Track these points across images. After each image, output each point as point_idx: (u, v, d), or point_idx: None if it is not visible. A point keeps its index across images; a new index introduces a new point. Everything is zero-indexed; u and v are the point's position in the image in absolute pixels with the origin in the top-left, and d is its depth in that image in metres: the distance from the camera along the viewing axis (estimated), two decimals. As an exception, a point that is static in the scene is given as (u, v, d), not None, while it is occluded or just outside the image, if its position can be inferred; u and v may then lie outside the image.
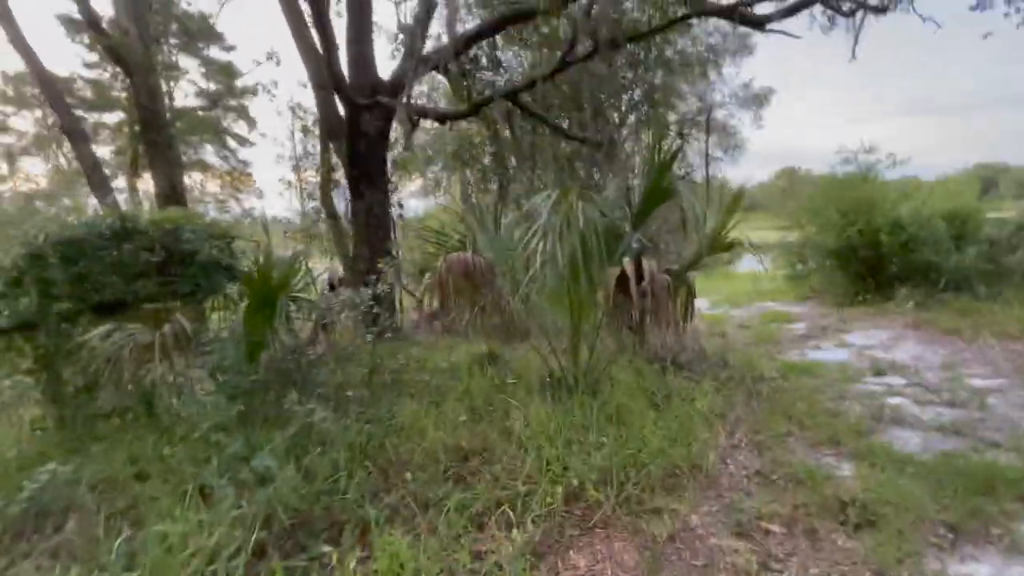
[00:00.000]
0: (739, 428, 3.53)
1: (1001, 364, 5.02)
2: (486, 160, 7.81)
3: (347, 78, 6.61)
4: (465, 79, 6.91)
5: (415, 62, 6.59)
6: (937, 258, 8.10)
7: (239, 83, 20.64)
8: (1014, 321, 6.27)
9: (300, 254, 4.78)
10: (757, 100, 20.57)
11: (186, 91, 20.63)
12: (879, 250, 8.54)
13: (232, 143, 24.77)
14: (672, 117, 22.37)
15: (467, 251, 3.67)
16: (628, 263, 3.05)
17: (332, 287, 4.01)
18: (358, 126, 6.28)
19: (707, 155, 21.22)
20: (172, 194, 7.33)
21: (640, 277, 3.08)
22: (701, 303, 11.78)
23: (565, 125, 7.54)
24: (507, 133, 7.89)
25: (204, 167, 24.94)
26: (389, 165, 7.70)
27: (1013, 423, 3.52)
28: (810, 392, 4.30)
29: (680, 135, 21.62)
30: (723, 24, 20.64)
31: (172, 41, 18.78)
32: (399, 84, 6.80)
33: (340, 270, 4.27)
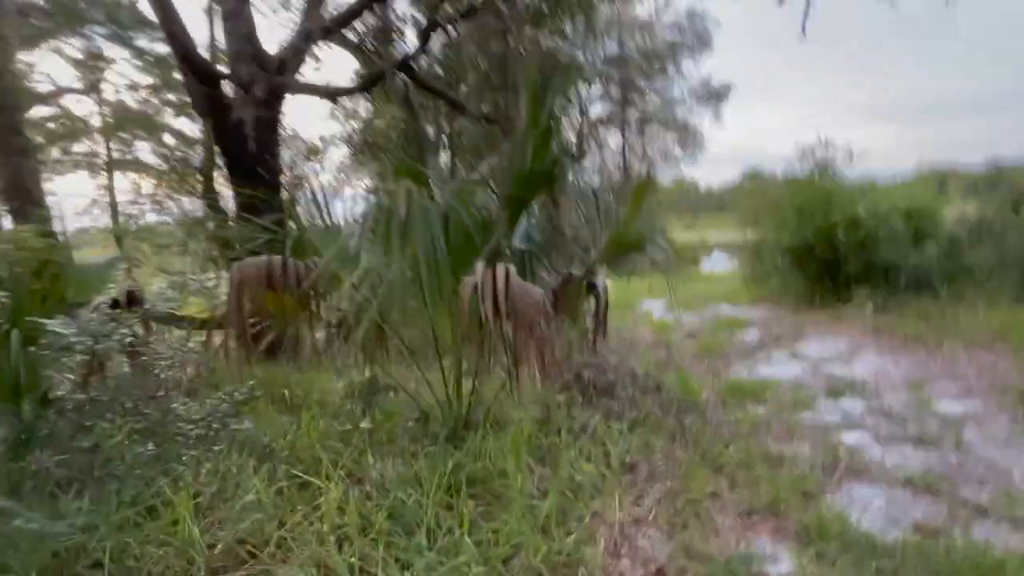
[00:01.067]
0: (651, 488, 2.65)
1: (971, 379, 4.32)
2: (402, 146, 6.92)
3: (227, 54, 5.55)
4: (362, 51, 5.94)
5: (305, 31, 5.56)
6: (896, 257, 7.51)
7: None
8: (980, 326, 5.64)
9: (114, 262, 3.70)
10: (716, 96, 20.19)
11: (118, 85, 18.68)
12: (836, 249, 7.91)
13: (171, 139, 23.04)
14: (633, 114, 21.89)
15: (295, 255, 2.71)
16: (481, 271, 2.14)
17: (116, 305, 2.96)
18: (224, 105, 5.22)
19: (624, 137, 20.50)
20: (19, 188, 6.11)
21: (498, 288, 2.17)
22: (654, 306, 11.06)
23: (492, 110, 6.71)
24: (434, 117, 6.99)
25: (140, 166, 23.13)
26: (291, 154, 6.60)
27: (998, 470, 2.75)
28: (752, 426, 3.47)
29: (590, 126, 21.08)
30: (682, 20, 20.24)
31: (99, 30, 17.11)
32: (289, 58, 5.76)
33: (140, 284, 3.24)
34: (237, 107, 5.30)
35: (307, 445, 2.78)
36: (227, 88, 5.62)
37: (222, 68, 5.45)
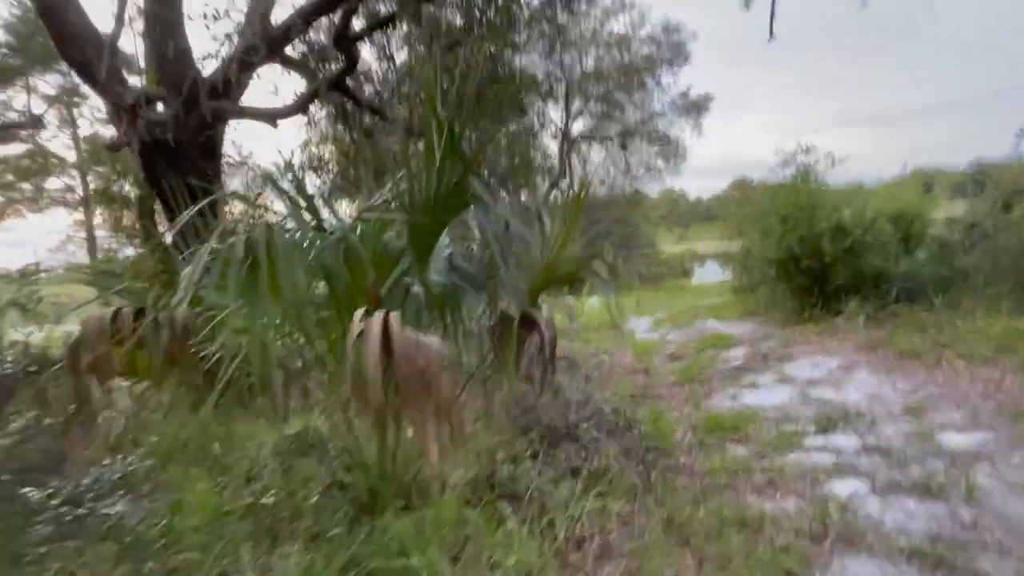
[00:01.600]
0: (600, 572, 2.15)
1: (977, 403, 3.86)
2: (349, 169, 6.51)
3: (157, 78, 5.16)
4: (307, 70, 5.57)
5: (246, 47, 5.19)
6: (885, 264, 7.11)
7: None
8: (979, 337, 5.20)
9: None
10: (696, 108, 20.05)
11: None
12: (822, 259, 7.51)
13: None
14: (614, 128, 21.71)
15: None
16: (362, 320, 1.69)
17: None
18: (152, 134, 4.80)
19: (562, 147, 19.99)
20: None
21: (388, 340, 1.71)
22: (640, 324, 10.60)
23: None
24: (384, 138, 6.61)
25: (116, 199, 22.71)
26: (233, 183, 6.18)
27: (1021, 531, 2.27)
28: (730, 475, 2.99)
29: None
30: (658, 33, 20.20)
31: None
32: (229, 79, 5.37)
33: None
34: (169, 132, 4.88)
35: (192, 528, 2.28)
36: (158, 113, 5.22)
37: (153, 93, 5.04)
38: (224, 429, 3.51)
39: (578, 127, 21.47)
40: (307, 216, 2.33)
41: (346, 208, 5.89)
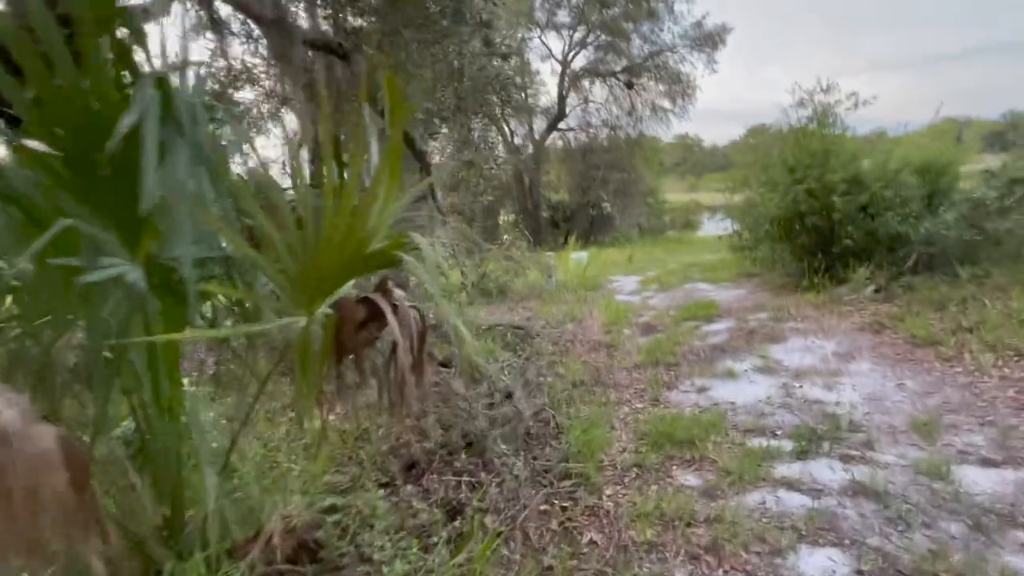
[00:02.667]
0: None
1: (1008, 417, 2.98)
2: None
3: None
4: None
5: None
6: (904, 226, 6.05)
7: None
8: (1013, 323, 4.25)
9: None
10: (711, 41, 18.04)
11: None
12: (831, 216, 6.45)
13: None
14: (619, 64, 19.74)
15: None
16: None
17: None
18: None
19: (562, 83, 18.04)
20: None
21: None
22: (627, 283, 9.67)
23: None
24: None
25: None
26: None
27: None
28: (658, 531, 2.17)
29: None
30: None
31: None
32: None
33: None
34: None
35: None
36: None
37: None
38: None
39: (580, 63, 19.55)
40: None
41: None
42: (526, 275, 8.85)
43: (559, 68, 19.28)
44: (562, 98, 19.39)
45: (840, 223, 6.43)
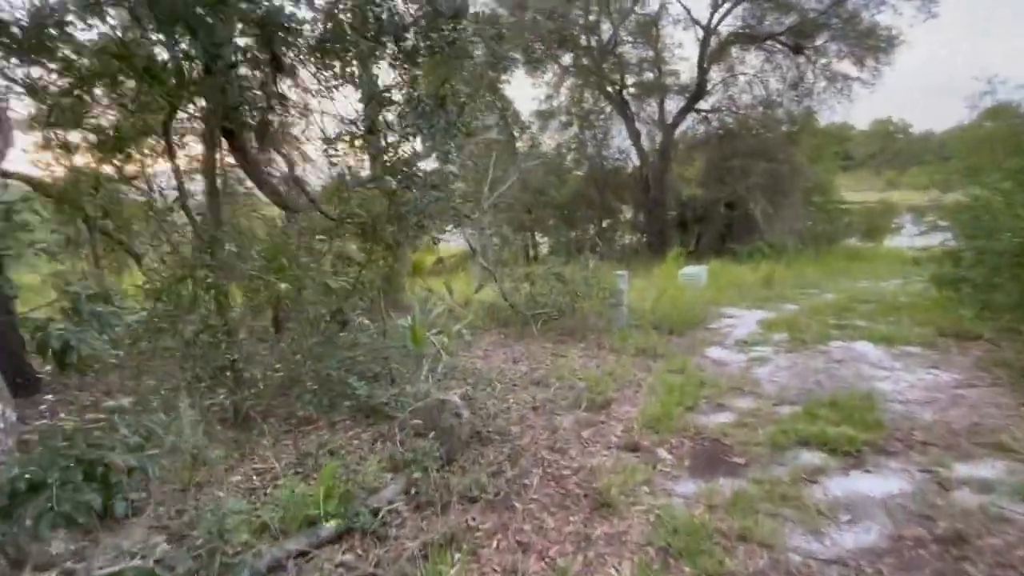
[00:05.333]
0: None
1: None
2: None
3: None
4: None
5: None
6: None
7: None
8: None
9: None
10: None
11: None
12: None
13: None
14: (785, 21, 15.21)
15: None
16: None
17: None
18: None
19: (703, 51, 12.59)
20: None
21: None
22: (742, 322, 6.48)
23: None
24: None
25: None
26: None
27: None
28: None
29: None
30: None
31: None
32: None
33: None
34: None
35: None
36: None
37: None
38: None
39: (727, 23, 15.52)
40: None
41: None
42: (592, 297, 6.33)
43: (701, 35, 15.57)
44: (703, 70, 15.64)
45: None
